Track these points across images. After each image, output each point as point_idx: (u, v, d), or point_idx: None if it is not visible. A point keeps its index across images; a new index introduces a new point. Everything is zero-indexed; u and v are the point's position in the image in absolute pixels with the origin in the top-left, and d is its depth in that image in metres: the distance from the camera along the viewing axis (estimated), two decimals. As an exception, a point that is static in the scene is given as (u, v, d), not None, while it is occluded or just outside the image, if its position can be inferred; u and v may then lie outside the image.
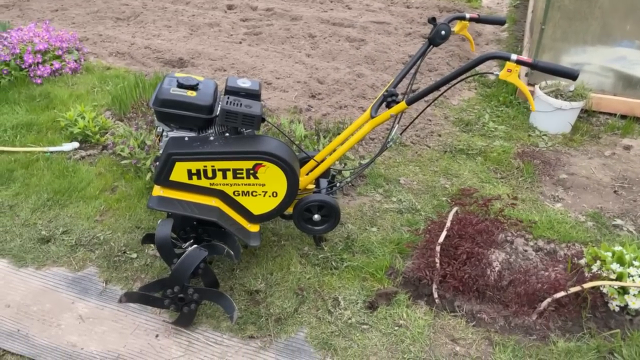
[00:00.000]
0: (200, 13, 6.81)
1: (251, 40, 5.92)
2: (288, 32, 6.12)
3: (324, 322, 2.39)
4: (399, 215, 3.15)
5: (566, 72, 2.02)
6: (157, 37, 5.95)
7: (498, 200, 3.16)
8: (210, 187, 2.30)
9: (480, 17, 2.57)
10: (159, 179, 2.26)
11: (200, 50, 5.47)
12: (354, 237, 2.91)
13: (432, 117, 4.37)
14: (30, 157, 3.53)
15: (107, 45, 5.67)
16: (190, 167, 2.23)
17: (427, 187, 3.45)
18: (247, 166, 2.25)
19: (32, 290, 2.54)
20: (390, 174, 3.55)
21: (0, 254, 2.74)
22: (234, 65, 5.15)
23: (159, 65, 5.20)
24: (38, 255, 2.73)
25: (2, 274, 2.63)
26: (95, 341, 2.30)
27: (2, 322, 2.36)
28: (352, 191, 3.36)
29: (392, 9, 7.38)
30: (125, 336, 2.33)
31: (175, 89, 2.26)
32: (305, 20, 6.57)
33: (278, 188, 2.33)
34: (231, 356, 2.25)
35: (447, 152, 3.87)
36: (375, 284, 2.60)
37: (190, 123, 2.28)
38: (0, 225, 2.92)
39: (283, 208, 2.40)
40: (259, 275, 2.61)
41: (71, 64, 4.86)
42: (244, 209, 2.38)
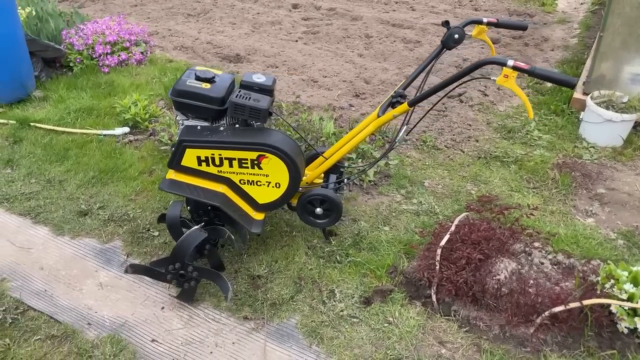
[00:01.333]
0: (265, 11, 7.06)
1: (308, 39, 6.08)
2: (345, 32, 6.21)
3: (317, 311, 2.48)
4: (415, 217, 3.16)
5: (564, 80, 1.97)
6: (221, 33, 6.25)
7: (517, 209, 3.08)
8: (218, 174, 2.45)
9: (500, 22, 2.54)
10: (171, 163, 2.45)
11: (257, 47, 5.69)
12: (364, 234, 2.97)
13: (473, 122, 4.30)
14: (86, 139, 3.89)
15: (174, 39, 6.04)
16: (199, 154, 2.40)
17: (451, 191, 3.42)
18: (251, 156, 2.38)
19: (64, 257, 2.83)
20: (415, 176, 3.55)
21: (44, 223, 3.06)
22: (285, 63, 5.32)
23: (217, 60, 5.48)
24: (75, 226, 3.02)
25: (42, 240, 2.94)
26: (108, 307, 2.53)
27: (34, 282, 2.66)
28: (373, 190, 3.41)
29: (458, 11, 7.26)
30: (135, 305, 2.54)
31: (191, 81, 2.44)
32: (364, 20, 6.63)
33: (280, 179, 2.44)
34: (225, 334, 2.40)
35: (481, 158, 3.80)
36: (374, 281, 2.64)
37: (203, 113, 2.45)
38: (48, 197, 3.26)
39: (286, 199, 2.51)
40: (263, 261, 2.74)
41: (137, 56, 5.25)
42: (250, 197, 2.51)
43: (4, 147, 3.75)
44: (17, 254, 2.83)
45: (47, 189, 3.34)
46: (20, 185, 3.36)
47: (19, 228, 3.02)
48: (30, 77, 4.50)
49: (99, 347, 2.28)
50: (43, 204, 3.20)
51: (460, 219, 2.75)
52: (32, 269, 2.73)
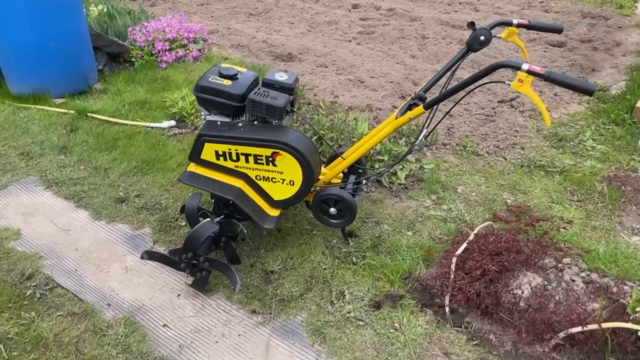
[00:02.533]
0: (324, 11, 7.11)
1: (362, 39, 6.05)
2: (401, 33, 6.14)
3: (324, 311, 2.47)
4: (442, 223, 3.07)
5: (582, 86, 1.84)
6: (278, 33, 6.37)
7: (549, 221, 2.92)
8: (235, 169, 2.51)
9: (532, 24, 2.41)
10: (192, 156, 2.53)
11: (309, 47, 5.75)
12: (385, 237, 2.92)
13: (521, 128, 4.11)
14: (135, 130, 4.10)
15: (232, 37, 6.23)
16: (217, 148, 2.47)
17: (485, 199, 3.30)
18: (266, 153, 2.42)
19: (98, 240, 3.00)
20: (449, 182, 3.45)
21: (85, 207, 3.26)
22: (334, 62, 5.33)
23: (270, 58, 5.59)
24: (111, 212, 3.20)
25: (81, 223, 3.14)
26: (129, 290, 2.66)
27: (67, 261, 2.84)
28: (403, 193, 3.35)
29: (525, 12, 6.97)
30: (154, 290, 2.66)
31: (214, 77, 2.51)
32: (423, 21, 6.51)
33: (294, 177, 2.46)
34: (233, 325, 2.45)
35: (524, 167, 3.63)
36: (387, 285, 2.60)
37: (223, 109, 2.51)
38: (92, 183, 3.47)
39: (300, 197, 2.52)
40: (279, 257, 2.77)
41: (194, 53, 5.46)
42: (265, 193, 2.55)
43: (61, 135, 4.03)
44: (57, 234, 3.04)
45: (93, 175, 3.56)
46: (69, 171, 3.60)
47: (62, 210, 3.24)
48: (93, 71, 4.80)
49: (113, 327, 2.40)
50: (87, 189, 3.41)
51: (482, 228, 2.65)
52: (68, 250, 2.92)
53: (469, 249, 2.51)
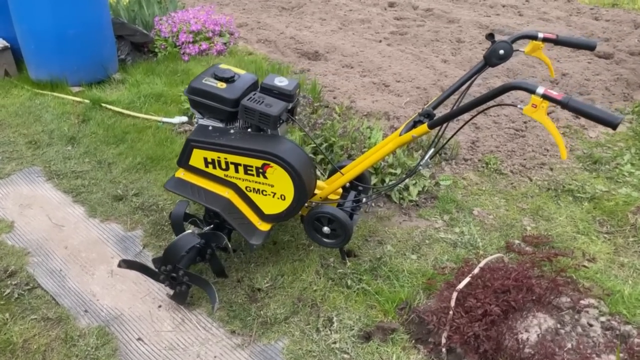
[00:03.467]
0: (358, 9, 6.87)
1: (393, 40, 5.80)
2: (435, 35, 5.85)
3: (308, 338, 2.28)
4: (451, 248, 2.83)
5: (604, 118, 1.57)
6: (308, 29, 6.17)
7: (568, 256, 2.64)
8: (225, 178, 2.34)
9: (560, 39, 2.14)
10: (180, 161, 2.38)
11: (337, 45, 5.54)
12: (386, 259, 2.71)
13: (552, 146, 3.80)
14: (146, 124, 4.00)
15: (261, 32, 6.07)
16: (206, 155, 2.30)
17: (502, 224, 3.03)
18: (256, 164, 2.24)
19: (89, 239, 2.90)
20: (465, 201, 3.20)
21: (82, 203, 3.17)
22: (361, 64, 5.11)
23: (295, 55, 5.41)
24: (107, 210, 3.10)
25: (75, 219, 3.05)
26: (110, 296, 2.54)
27: (54, 260, 2.75)
28: (413, 211, 3.12)
29: (573, 19, 6.55)
30: (135, 299, 2.53)
31: (208, 79, 2.34)
32: (461, 23, 6.20)
33: (285, 192, 2.27)
34: (210, 345, 2.29)
35: (550, 190, 3.33)
36: (380, 315, 2.39)
37: (216, 113, 2.34)
38: (94, 178, 3.38)
39: (292, 213, 2.34)
40: (269, 274, 2.60)
41: (218, 46, 5.33)
42: (256, 206, 2.37)
43: (72, 125, 3.97)
44: (49, 229, 2.95)
45: (96, 169, 3.47)
46: (73, 163, 3.52)
47: (59, 205, 3.16)
48: (113, 60, 4.73)
49: (85, 337, 2.28)
50: (87, 184, 3.32)
51: (490, 260, 2.40)
52: (57, 247, 2.83)
53: (473, 283, 2.27)
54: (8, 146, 3.71)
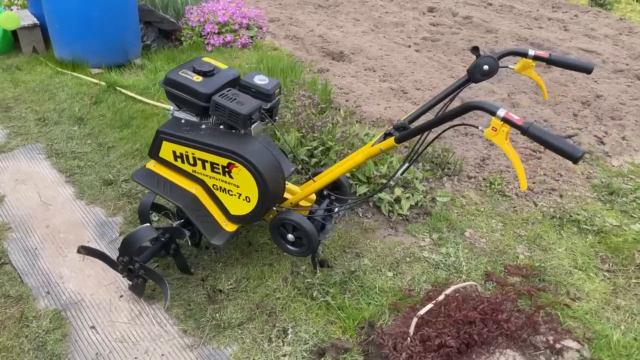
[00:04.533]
0: (395, 11, 6.71)
1: (423, 46, 5.61)
2: (468, 44, 5.62)
3: (258, 347, 2.20)
4: (432, 269, 2.67)
5: (565, 150, 1.41)
6: (339, 29, 6.07)
7: (552, 293, 2.44)
8: (193, 174, 2.29)
9: (553, 58, 1.97)
10: (151, 153, 2.34)
11: (364, 47, 5.41)
12: (359, 274, 2.59)
13: (567, 172, 3.56)
14: (154, 111, 4.01)
15: (291, 28, 6.01)
16: (175, 149, 2.25)
17: (494, 249, 2.85)
18: (222, 163, 2.17)
19: (71, 220, 2.91)
20: (459, 221, 3.03)
21: (73, 183, 3.20)
22: (384, 68, 4.97)
23: (320, 55, 5.32)
24: (95, 193, 3.11)
25: (63, 200, 3.07)
26: (77, 280, 2.53)
27: (32, 238, 2.77)
28: (401, 226, 2.97)
29: (622, 38, 6.18)
30: (100, 286, 2.51)
31: (185, 71, 2.29)
32: (499, 34, 5.94)
33: (250, 194, 2.19)
34: (161, 342, 2.25)
35: (555, 218, 3.11)
36: (339, 332, 2.28)
37: (189, 107, 2.29)
38: (91, 160, 3.40)
39: (256, 216, 2.25)
40: (235, 276, 2.53)
41: (243, 39, 5.31)
42: (223, 205, 2.31)
43: (84, 106, 4.02)
44: (36, 207, 2.99)
45: (95, 152, 3.49)
46: (75, 144, 3.57)
47: (52, 183, 3.20)
48: (135, 45, 4.78)
49: (39, 319, 2.28)
50: (83, 165, 3.35)
51: (459, 288, 2.24)
52: (39, 225, 2.86)
53: (435, 310, 2.12)
54: (18, 121, 3.80)
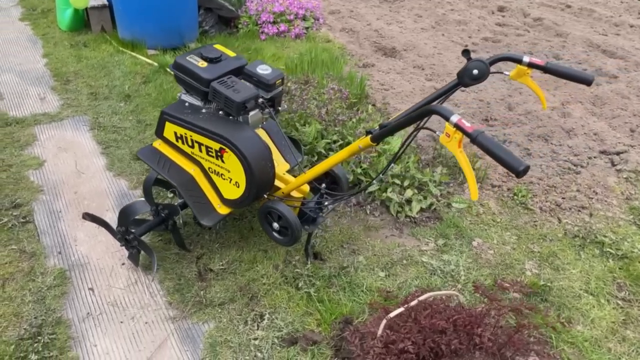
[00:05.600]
0: (461, 9, 6.50)
1: (482, 47, 5.41)
2: (531, 47, 5.35)
3: (232, 328, 2.27)
4: (428, 275, 2.61)
5: (508, 162, 1.33)
6: (398, 24, 5.99)
7: (541, 313, 2.31)
8: (192, 156, 2.38)
9: (549, 66, 1.85)
10: (156, 132, 2.46)
11: (417, 44, 5.30)
12: (350, 270, 2.58)
13: (604, 190, 3.32)
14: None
15: (349, 21, 6.01)
16: (176, 130, 2.36)
17: (500, 262, 2.73)
18: (215, 147, 2.25)
19: (97, 190, 3.13)
20: (470, 230, 2.92)
21: (107, 155, 3.43)
22: (432, 66, 4.85)
23: (372, 49, 5.28)
24: (123, 166, 3.31)
25: (96, 169, 3.30)
26: (88, 245, 2.73)
27: (59, 201, 3.01)
28: (407, 227, 2.92)
29: None
30: (107, 252, 2.69)
31: (193, 56, 2.38)
32: (569, 39, 5.60)
33: (239, 179, 2.25)
34: (147, 312, 2.37)
35: (577, 238, 2.93)
36: (313, 324, 2.30)
37: (194, 91, 2.38)
38: (127, 135, 3.63)
39: (245, 202, 2.31)
40: (227, 257, 2.61)
41: (296, 30, 5.38)
42: (217, 188, 2.39)
43: (134, 84, 4.28)
44: (70, 174, 3.24)
45: (133, 127, 3.71)
46: (117, 119, 3.81)
47: (89, 153, 3.45)
48: (192, 30, 4.99)
49: (44, 276, 2.49)
50: (120, 139, 3.58)
51: (436, 295, 2.18)
52: (68, 191, 3.10)
53: (405, 315, 2.08)
54: (73, 94, 4.11)
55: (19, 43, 5.04)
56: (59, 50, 4.85)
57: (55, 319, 2.27)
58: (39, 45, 5.00)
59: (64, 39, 5.09)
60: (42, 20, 5.58)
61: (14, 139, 3.50)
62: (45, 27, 5.40)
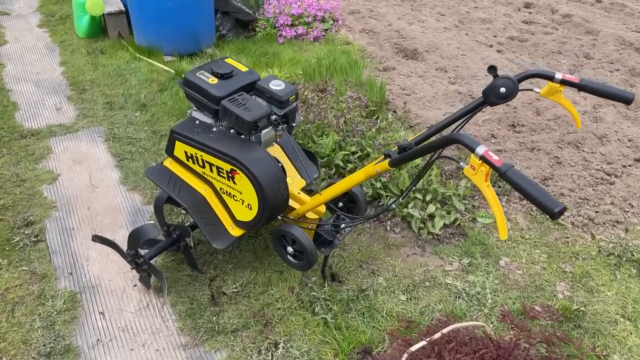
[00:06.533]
0: (485, 7, 6.28)
1: (508, 46, 5.20)
2: (560, 46, 5.12)
3: (245, 358, 2.17)
4: (452, 298, 2.47)
5: (542, 202, 1.19)
6: (420, 23, 5.80)
7: (574, 345, 2.15)
8: (203, 175, 2.29)
9: (584, 83, 1.69)
10: (167, 150, 2.37)
11: (440, 45, 5.13)
12: (370, 293, 2.46)
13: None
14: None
15: (369, 21, 5.85)
16: (186, 149, 2.26)
17: (529, 284, 2.57)
18: (226, 168, 2.15)
19: (110, 205, 3.06)
20: (497, 247, 2.77)
21: (121, 168, 3.36)
22: (456, 69, 4.67)
23: (392, 51, 5.12)
24: (137, 180, 3.24)
25: (109, 183, 3.24)
26: (100, 265, 2.66)
27: (72, 218, 2.95)
28: (429, 245, 2.78)
29: None
30: (119, 272, 2.61)
31: (202, 72, 2.28)
32: (600, 36, 5.35)
33: (251, 202, 2.15)
34: (159, 338, 2.29)
35: (612, 256, 2.75)
36: (331, 354, 2.18)
37: (204, 108, 2.28)
38: (142, 147, 3.55)
39: (258, 224, 2.21)
40: (241, 279, 2.51)
41: (315, 32, 5.25)
42: (229, 209, 2.29)
43: (150, 93, 4.21)
44: (84, 188, 3.18)
45: (148, 138, 3.64)
46: (133, 129, 3.74)
47: (103, 166, 3.39)
48: (209, 35, 4.90)
49: (55, 299, 2.42)
50: (134, 151, 3.51)
51: (461, 328, 2.04)
52: (81, 207, 3.04)
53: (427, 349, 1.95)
54: (88, 103, 4.06)
55: (37, 50, 5.03)
56: (76, 58, 4.82)
57: (64, 347, 2.21)
58: (57, 52, 4.98)
59: (81, 46, 5.06)
60: (60, 26, 5.57)
61: (29, 152, 3.46)
62: (63, 33, 5.39)
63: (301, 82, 4.33)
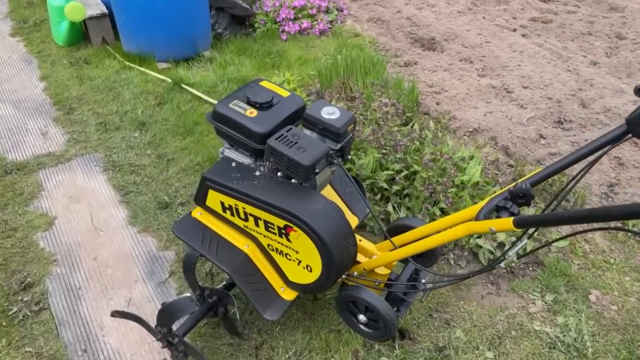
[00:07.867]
0: (497, -15, 5.81)
1: (532, 29, 4.78)
2: (589, 27, 4.71)
3: None
4: (547, 350, 2.08)
5: None
6: (430, 8, 5.35)
7: None
8: (245, 229, 1.84)
9: None
10: (197, 199, 1.92)
11: (459, 32, 4.68)
12: (450, 354, 2.05)
13: None
14: (220, 115, 3.61)
15: (375, 8, 5.38)
16: (222, 199, 1.82)
17: (629, 322, 2.19)
18: (278, 223, 1.71)
19: (120, 252, 2.60)
20: (582, 277, 2.38)
21: (127, 204, 2.89)
22: (483, 59, 4.24)
23: (408, 42, 4.67)
24: (148, 219, 2.78)
25: (115, 225, 2.77)
26: (118, 334, 2.21)
27: (77, 274, 2.49)
28: (504, 280, 2.38)
29: None
30: (143, 343, 2.18)
31: (236, 103, 1.82)
32: (627, 12, 4.95)
33: (312, 263, 1.72)
34: None
35: None
36: None
37: (242, 147, 1.83)
38: (148, 175, 3.08)
39: (319, 288, 1.78)
40: (295, 345, 2.09)
41: (320, 25, 4.77)
42: (280, 269, 1.85)
43: (147, 108, 3.72)
44: (87, 233, 2.71)
45: (154, 165, 3.17)
46: (134, 154, 3.26)
47: (106, 203, 2.91)
48: (204, 37, 4.40)
49: (70, 388, 1.98)
50: (140, 181, 3.04)
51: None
52: (86, 257, 2.57)
53: None
54: (79, 126, 3.56)
55: (11, 64, 4.47)
56: (57, 71, 4.27)
57: None
58: (35, 65, 4.42)
59: (62, 55, 4.51)
60: (36, 34, 4.98)
61: (16, 192, 2.97)
62: (39, 42, 4.81)
63: (315, 84, 3.88)
